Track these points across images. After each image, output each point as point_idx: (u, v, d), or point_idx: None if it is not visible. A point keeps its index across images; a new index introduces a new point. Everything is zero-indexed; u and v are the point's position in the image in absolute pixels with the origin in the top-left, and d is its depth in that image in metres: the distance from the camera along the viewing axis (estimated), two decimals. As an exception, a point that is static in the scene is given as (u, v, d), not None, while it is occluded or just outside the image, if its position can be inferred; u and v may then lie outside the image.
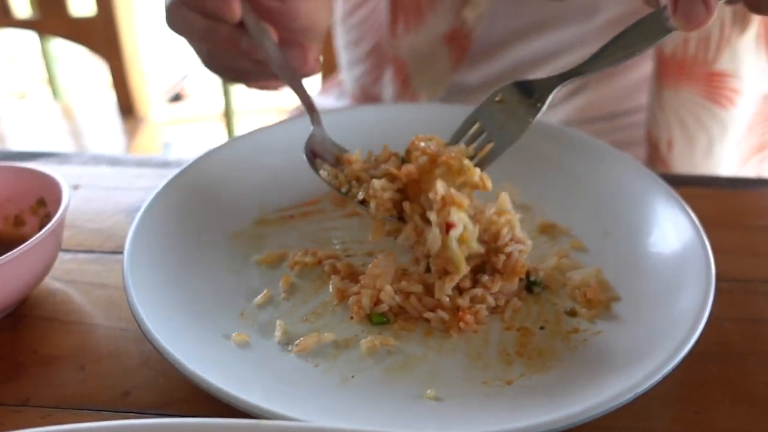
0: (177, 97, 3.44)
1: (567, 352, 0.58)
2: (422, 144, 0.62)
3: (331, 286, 0.65)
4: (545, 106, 0.61)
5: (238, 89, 2.32)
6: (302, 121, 0.85)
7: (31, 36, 2.07)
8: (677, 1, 0.53)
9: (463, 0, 1.04)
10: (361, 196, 0.64)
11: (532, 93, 0.63)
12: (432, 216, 0.56)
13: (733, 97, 0.98)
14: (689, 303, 0.57)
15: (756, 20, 0.94)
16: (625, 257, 0.67)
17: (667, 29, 0.56)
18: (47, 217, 0.69)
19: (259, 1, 0.76)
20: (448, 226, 0.54)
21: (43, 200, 0.69)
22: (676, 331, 0.54)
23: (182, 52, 3.05)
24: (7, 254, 0.57)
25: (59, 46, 2.26)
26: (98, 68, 3.18)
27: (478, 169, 0.60)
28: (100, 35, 1.89)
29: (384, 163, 0.66)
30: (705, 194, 0.84)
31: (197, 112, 3.26)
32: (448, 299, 0.61)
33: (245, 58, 0.75)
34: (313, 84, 1.77)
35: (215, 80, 0.86)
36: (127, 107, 2.02)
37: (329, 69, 1.65)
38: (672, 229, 0.66)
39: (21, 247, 0.58)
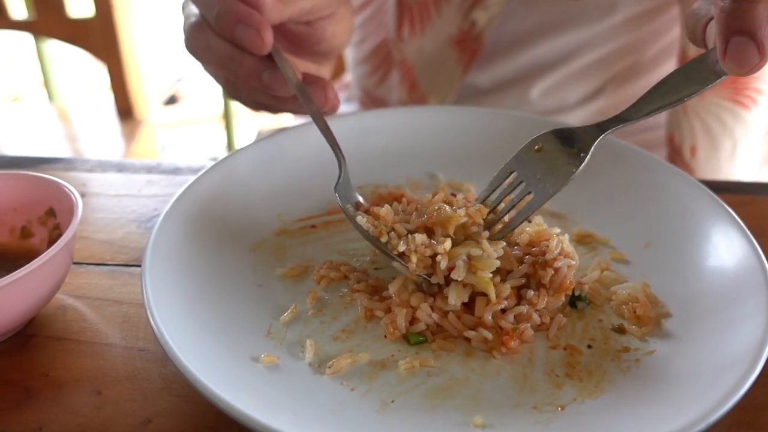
0: (172, 100, 3.40)
1: (619, 373, 0.54)
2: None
3: (359, 306, 0.61)
4: (588, 156, 0.57)
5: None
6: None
7: (25, 37, 2.02)
8: (726, 44, 0.48)
9: (473, 1, 1.01)
10: (402, 248, 0.59)
11: (572, 141, 0.59)
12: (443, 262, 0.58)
13: (756, 97, 0.95)
14: (750, 321, 0.53)
15: None
16: (672, 270, 0.64)
17: (716, 73, 0.52)
18: (57, 229, 0.64)
19: (286, 27, 0.72)
20: (449, 269, 0.58)
21: (52, 210, 0.64)
22: (740, 354, 0.51)
23: (176, 54, 3.01)
24: (17, 271, 0.53)
25: (54, 48, 2.21)
26: (94, 71, 3.14)
27: (461, 214, 0.59)
28: (98, 37, 1.84)
29: (410, 216, 0.62)
30: (741, 201, 0.80)
31: (194, 114, 3.22)
32: (490, 317, 0.57)
33: (264, 93, 0.71)
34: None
35: (212, 82, 0.81)
36: (125, 110, 1.98)
37: (336, 72, 1.61)
38: (721, 240, 0.63)
39: (33, 262, 0.54)
